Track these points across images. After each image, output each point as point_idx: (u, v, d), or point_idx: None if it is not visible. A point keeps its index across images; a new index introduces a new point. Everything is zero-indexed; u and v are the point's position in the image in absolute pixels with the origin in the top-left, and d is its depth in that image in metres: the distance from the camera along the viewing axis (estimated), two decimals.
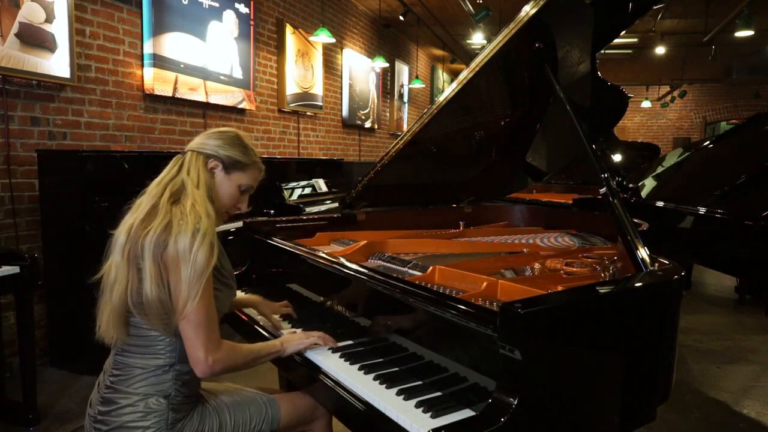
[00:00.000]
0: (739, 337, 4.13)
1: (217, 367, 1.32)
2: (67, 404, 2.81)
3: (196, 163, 1.44)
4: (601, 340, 1.21)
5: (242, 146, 1.50)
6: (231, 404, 1.48)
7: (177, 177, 1.42)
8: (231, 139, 1.49)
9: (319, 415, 1.58)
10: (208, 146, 1.46)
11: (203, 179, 1.42)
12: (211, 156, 1.46)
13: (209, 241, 1.31)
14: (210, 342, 1.31)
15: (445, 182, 2.62)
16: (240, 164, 1.48)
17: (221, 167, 1.47)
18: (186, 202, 1.35)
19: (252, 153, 1.53)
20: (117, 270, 1.33)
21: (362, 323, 1.56)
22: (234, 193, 1.50)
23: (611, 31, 1.97)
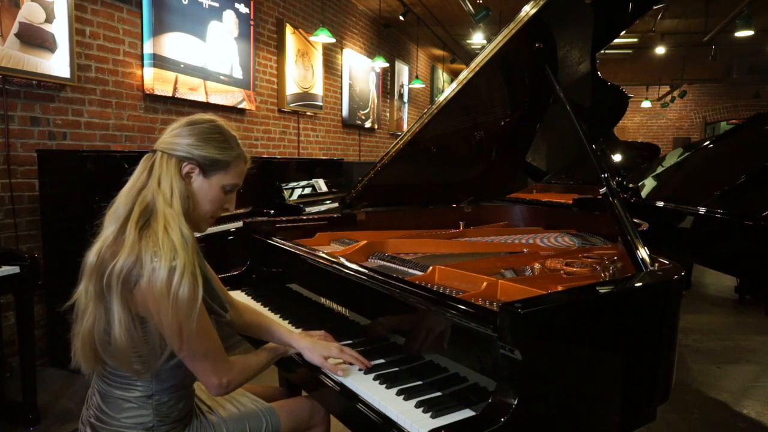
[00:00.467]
0: (739, 337, 4.13)
1: (232, 387, 1.29)
2: (67, 404, 2.81)
3: (167, 168, 1.23)
4: (601, 340, 1.21)
5: (220, 140, 1.29)
6: (229, 419, 1.42)
7: (146, 188, 1.22)
8: (206, 133, 1.27)
9: (318, 422, 1.55)
10: (179, 147, 1.24)
11: (177, 190, 1.22)
12: (184, 159, 1.24)
13: (190, 273, 1.14)
14: (219, 367, 1.26)
15: (445, 182, 2.62)
16: (220, 164, 1.28)
17: (198, 171, 1.27)
18: (157, 227, 1.16)
19: (233, 145, 1.31)
20: (87, 297, 1.20)
21: (362, 323, 1.56)
22: (217, 197, 1.31)
23: (611, 31, 1.97)
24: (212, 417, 1.41)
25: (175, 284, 1.12)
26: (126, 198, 1.23)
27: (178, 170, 1.24)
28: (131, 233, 1.16)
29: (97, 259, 1.18)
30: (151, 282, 1.12)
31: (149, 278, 1.12)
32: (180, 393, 1.31)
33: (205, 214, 1.33)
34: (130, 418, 1.26)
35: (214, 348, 1.25)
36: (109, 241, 1.19)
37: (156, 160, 1.25)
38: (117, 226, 1.20)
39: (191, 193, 1.27)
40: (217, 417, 1.41)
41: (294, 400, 1.60)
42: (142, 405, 1.26)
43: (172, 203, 1.21)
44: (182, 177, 1.25)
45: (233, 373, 1.29)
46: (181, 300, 1.12)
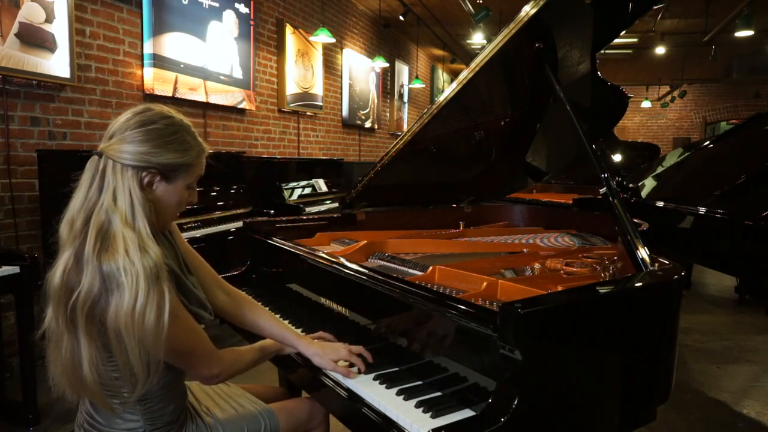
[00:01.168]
0: (739, 337, 4.13)
1: (224, 376, 1.29)
2: (67, 404, 2.79)
3: (123, 181, 1.11)
4: (601, 340, 1.21)
5: (179, 141, 1.18)
6: (226, 421, 1.39)
7: (99, 205, 1.11)
8: (163, 136, 1.15)
9: (318, 423, 1.54)
10: (134, 155, 1.12)
11: (139, 205, 1.12)
12: (143, 168, 1.13)
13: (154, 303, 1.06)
14: (207, 360, 1.24)
15: (445, 182, 2.62)
16: (183, 167, 1.19)
17: (159, 178, 1.16)
18: (117, 253, 1.06)
19: (192, 142, 1.21)
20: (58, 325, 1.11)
21: (362, 323, 1.56)
22: (182, 198, 1.23)
23: (611, 31, 1.97)
24: (209, 419, 1.39)
25: (138, 314, 1.05)
26: (77, 214, 1.13)
27: (137, 181, 1.13)
28: (90, 259, 1.07)
29: (62, 283, 1.10)
30: (116, 311, 1.05)
31: (114, 307, 1.05)
32: (169, 394, 1.28)
33: (171, 216, 1.27)
34: (120, 425, 1.23)
35: (199, 343, 1.23)
36: (70, 264, 1.11)
37: (108, 170, 1.12)
38: (75, 247, 1.11)
39: (154, 202, 1.18)
40: (214, 419, 1.39)
41: (293, 401, 1.59)
42: (131, 411, 1.22)
43: (134, 224, 1.11)
44: (142, 188, 1.14)
45: (224, 363, 1.28)
46: (147, 329, 1.06)
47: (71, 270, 1.10)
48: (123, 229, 1.09)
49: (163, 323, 1.08)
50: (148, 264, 1.08)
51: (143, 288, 1.06)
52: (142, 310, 1.05)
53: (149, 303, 1.06)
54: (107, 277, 1.07)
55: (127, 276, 1.06)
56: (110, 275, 1.06)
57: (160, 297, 1.08)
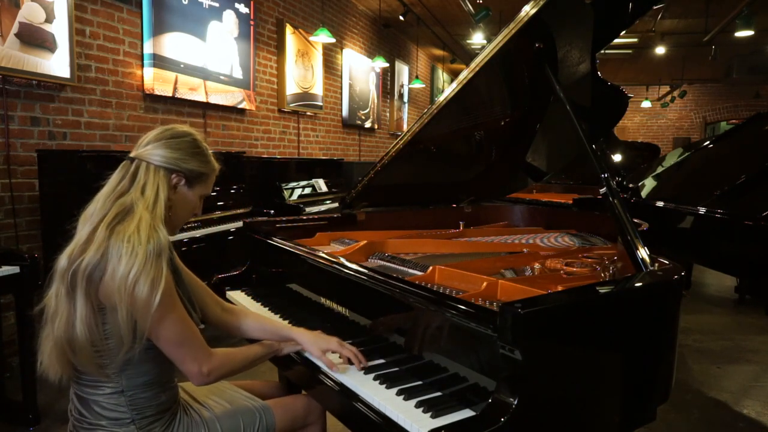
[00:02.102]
0: (739, 337, 4.13)
1: (213, 376, 1.29)
2: (67, 404, 2.78)
3: (155, 178, 1.28)
4: (601, 340, 1.21)
5: (202, 153, 1.38)
6: (222, 414, 1.41)
7: (126, 194, 1.26)
8: (190, 147, 1.35)
9: (314, 420, 1.55)
10: (167, 159, 1.30)
11: (162, 199, 1.27)
12: (174, 171, 1.31)
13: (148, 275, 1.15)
14: (198, 354, 1.26)
15: (445, 182, 2.62)
16: (203, 176, 1.38)
17: (184, 182, 1.35)
18: (129, 225, 1.19)
19: (210, 157, 1.41)
20: (57, 300, 1.21)
21: (362, 323, 1.56)
22: (195, 205, 1.41)
23: (611, 31, 1.97)
24: (204, 412, 1.40)
25: (131, 281, 1.14)
26: (103, 203, 1.25)
27: (167, 180, 1.30)
28: (101, 231, 1.19)
29: (68, 261, 1.21)
30: (112, 275, 1.15)
31: (112, 271, 1.15)
32: (156, 390, 1.30)
33: (182, 220, 1.40)
34: (106, 418, 1.26)
35: (190, 337, 1.25)
36: (81, 243, 1.21)
37: (140, 169, 1.29)
38: (90, 228, 1.22)
39: (175, 202, 1.34)
40: (210, 413, 1.40)
41: (290, 397, 1.60)
42: (116, 400, 1.25)
43: (154, 209, 1.25)
44: (170, 187, 1.31)
45: (214, 362, 1.29)
46: (137, 299, 1.15)
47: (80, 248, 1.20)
48: (143, 212, 1.22)
49: (155, 297, 1.15)
50: (154, 241, 1.19)
51: (140, 259, 1.15)
52: (136, 278, 1.14)
53: (144, 274, 1.15)
54: (112, 245, 1.17)
55: (129, 244, 1.16)
56: (115, 244, 1.17)
57: (156, 272, 1.17)
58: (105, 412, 1.26)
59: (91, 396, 1.26)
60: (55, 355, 1.22)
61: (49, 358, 1.23)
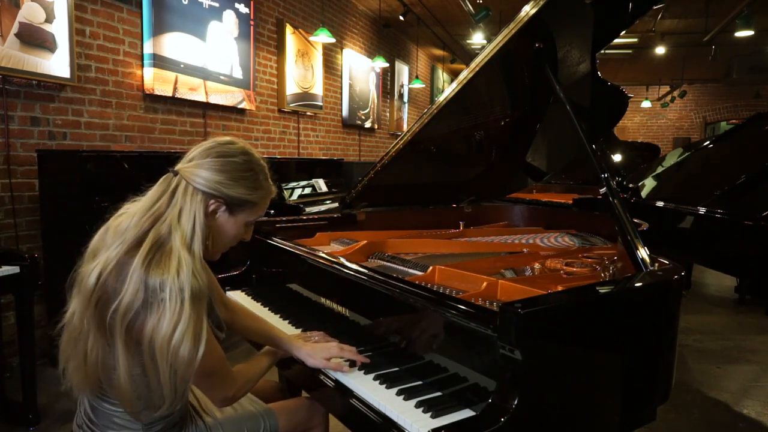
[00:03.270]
0: (739, 337, 4.13)
1: (237, 397, 1.32)
2: (67, 404, 2.80)
3: (192, 202, 1.15)
4: (601, 340, 1.21)
5: (251, 178, 1.22)
6: (225, 421, 1.40)
7: (163, 218, 1.14)
8: (237, 170, 1.20)
9: (317, 423, 1.54)
10: (207, 182, 1.16)
11: (200, 230, 1.15)
12: (212, 196, 1.18)
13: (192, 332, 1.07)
14: (224, 383, 1.26)
15: (445, 182, 2.62)
16: (248, 204, 1.23)
17: (225, 208, 1.21)
18: (168, 269, 1.07)
19: (263, 183, 1.26)
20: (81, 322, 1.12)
21: (362, 323, 1.56)
22: (239, 232, 1.27)
23: (611, 31, 1.97)
24: (208, 419, 1.39)
25: (176, 342, 1.06)
26: (138, 220, 1.13)
27: (204, 206, 1.17)
28: (138, 269, 1.07)
29: (97, 284, 1.10)
30: (154, 332, 1.06)
31: (153, 328, 1.06)
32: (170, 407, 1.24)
33: (222, 248, 1.30)
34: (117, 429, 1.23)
35: (218, 365, 1.24)
36: (111, 265, 1.10)
37: (179, 189, 1.16)
38: (122, 250, 1.11)
39: (213, 230, 1.22)
40: (214, 419, 1.40)
41: (292, 400, 1.60)
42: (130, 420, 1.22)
43: (191, 246, 1.13)
44: (206, 214, 1.18)
45: (237, 385, 1.30)
46: (180, 357, 1.07)
47: (111, 274, 1.10)
48: (180, 249, 1.10)
49: (198, 353, 1.08)
50: (196, 290, 1.08)
51: (185, 316, 1.06)
52: (180, 338, 1.06)
53: (187, 332, 1.06)
54: (151, 292, 1.07)
55: (171, 299, 1.06)
56: (154, 291, 1.06)
57: (198, 326, 1.08)
58: (116, 426, 1.23)
59: (107, 409, 1.23)
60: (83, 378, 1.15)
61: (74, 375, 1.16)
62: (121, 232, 1.13)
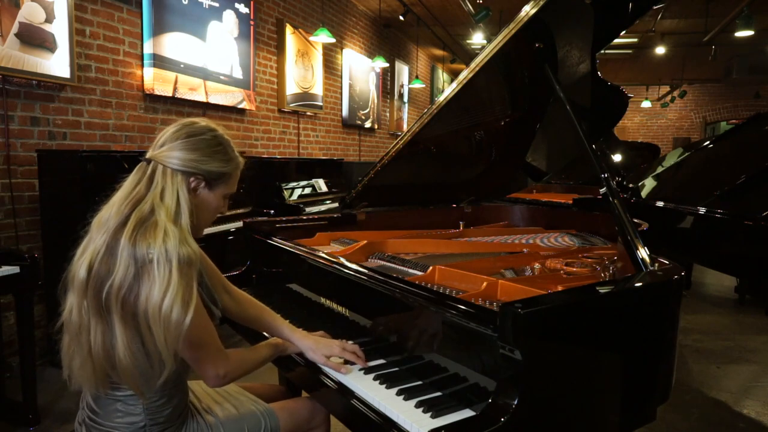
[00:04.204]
0: (739, 337, 4.13)
1: (228, 378, 1.30)
2: (67, 404, 2.80)
3: (173, 183, 1.21)
4: (601, 340, 1.21)
5: (223, 151, 1.29)
6: (226, 420, 1.40)
7: (144, 200, 1.18)
8: (210, 146, 1.26)
9: (319, 423, 1.54)
10: (183, 161, 1.22)
11: (185, 205, 1.21)
12: (191, 174, 1.24)
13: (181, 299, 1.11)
14: (216, 357, 1.27)
15: (445, 182, 2.62)
16: (225, 176, 1.30)
17: (204, 184, 1.27)
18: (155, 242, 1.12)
19: (232, 154, 1.32)
20: (80, 315, 1.16)
21: (362, 323, 1.56)
22: (218, 205, 1.34)
23: (611, 31, 1.97)
24: (209, 417, 1.39)
25: (166, 307, 1.10)
26: (119, 207, 1.18)
27: (186, 185, 1.23)
28: (125, 248, 1.12)
29: (89, 275, 1.14)
30: (147, 299, 1.11)
31: (145, 295, 1.11)
32: (171, 391, 1.29)
33: (206, 223, 1.35)
34: (121, 418, 1.24)
35: (209, 339, 1.25)
36: (100, 254, 1.15)
37: (157, 173, 1.22)
38: (107, 237, 1.15)
39: (196, 206, 1.27)
40: (215, 418, 1.40)
41: (294, 400, 1.60)
42: (133, 403, 1.24)
43: (178, 220, 1.19)
44: (189, 191, 1.24)
45: (231, 364, 1.30)
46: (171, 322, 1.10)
47: (102, 260, 1.14)
48: (166, 222, 1.15)
49: (187, 318, 1.12)
50: (184, 257, 1.13)
51: (174, 282, 1.10)
52: (170, 303, 1.10)
53: (177, 297, 1.10)
54: (139, 262, 1.11)
55: (160, 267, 1.11)
56: (143, 260, 1.11)
57: (187, 292, 1.13)
58: (120, 415, 1.24)
59: (110, 396, 1.24)
60: (91, 372, 1.17)
61: (80, 373, 1.18)
62: (103, 223, 1.18)
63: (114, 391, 1.23)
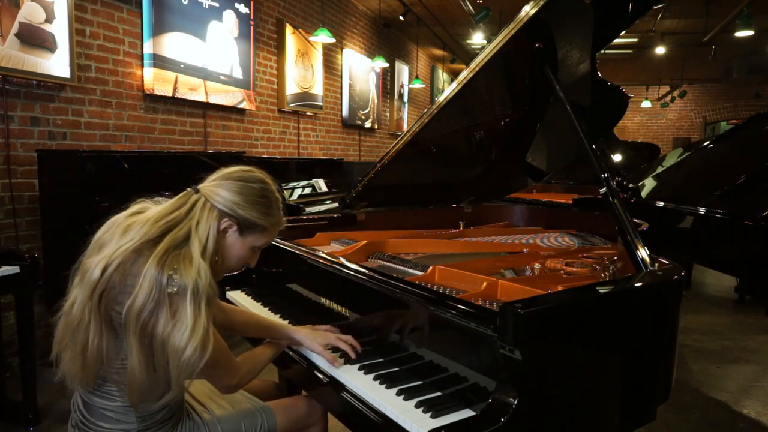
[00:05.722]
0: (739, 337, 4.13)
1: (241, 385, 1.36)
2: (67, 404, 2.78)
3: (208, 217, 1.22)
4: (601, 340, 1.21)
5: (265, 204, 1.29)
6: (223, 417, 1.41)
7: (183, 224, 1.20)
8: (253, 194, 1.27)
9: (316, 421, 1.55)
10: (224, 201, 1.24)
11: (212, 240, 1.22)
12: (226, 214, 1.24)
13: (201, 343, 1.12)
14: (228, 372, 1.31)
15: (445, 182, 2.62)
16: (258, 227, 1.29)
17: (236, 228, 1.27)
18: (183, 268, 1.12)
19: (275, 210, 1.32)
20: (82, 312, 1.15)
21: (362, 323, 1.56)
22: (245, 255, 1.32)
23: (611, 31, 1.97)
24: (206, 415, 1.40)
25: (188, 350, 1.10)
26: (151, 225, 1.17)
27: (217, 223, 1.24)
28: (151, 269, 1.11)
29: (101, 277, 1.13)
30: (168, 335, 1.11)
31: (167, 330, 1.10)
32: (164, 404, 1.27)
33: (227, 269, 1.34)
34: (113, 424, 1.23)
35: (223, 357, 1.28)
36: (116, 260, 1.14)
37: (198, 204, 1.23)
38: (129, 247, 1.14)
39: (222, 247, 1.27)
40: (211, 415, 1.41)
41: (291, 398, 1.61)
42: (124, 414, 1.23)
43: (204, 253, 1.19)
44: (219, 230, 1.25)
45: (241, 374, 1.34)
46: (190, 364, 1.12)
47: (116, 269, 1.14)
48: (198, 255, 1.16)
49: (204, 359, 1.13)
50: (211, 297, 1.14)
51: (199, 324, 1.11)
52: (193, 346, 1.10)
53: (198, 339, 1.11)
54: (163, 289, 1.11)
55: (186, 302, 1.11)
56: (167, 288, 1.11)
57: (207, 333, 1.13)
58: (111, 421, 1.24)
59: (100, 405, 1.24)
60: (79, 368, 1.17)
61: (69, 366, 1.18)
62: (131, 231, 1.18)
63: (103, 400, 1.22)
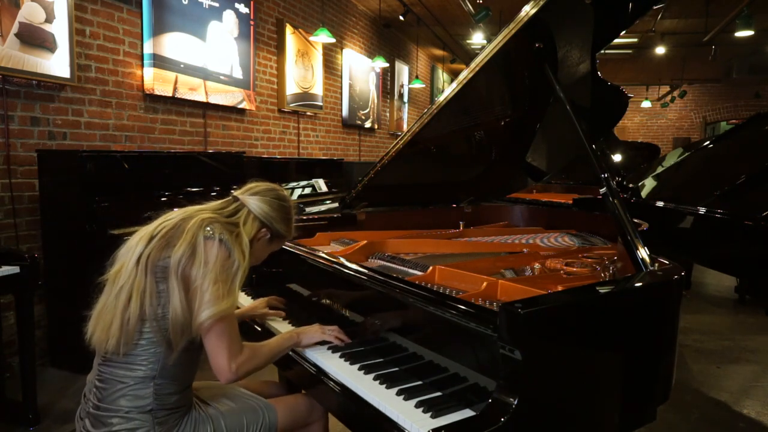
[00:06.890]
0: (739, 337, 4.13)
1: (241, 372, 1.35)
2: (67, 404, 2.80)
3: (252, 224, 1.45)
4: (601, 340, 1.21)
5: (289, 219, 1.54)
6: (226, 411, 1.45)
7: (233, 219, 1.42)
8: (284, 211, 1.53)
9: (316, 418, 1.58)
10: (265, 214, 1.48)
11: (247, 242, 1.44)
12: (264, 225, 1.48)
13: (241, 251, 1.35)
14: (233, 349, 1.33)
15: (445, 182, 2.62)
16: (282, 238, 1.55)
17: (268, 237, 1.51)
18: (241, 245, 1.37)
19: (294, 222, 1.57)
20: (130, 277, 1.29)
21: (362, 323, 1.56)
22: (263, 257, 1.56)
23: (611, 31, 1.97)
24: (210, 410, 1.44)
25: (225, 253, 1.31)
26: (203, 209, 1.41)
27: (256, 230, 1.46)
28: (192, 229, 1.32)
29: (147, 248, 1.31)
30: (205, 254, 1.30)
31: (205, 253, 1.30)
32: (179, 387, 1.35)
33: None
34: (129, 402, 1.29)
35: (231, 330, 1.34)
36: (163, 232, 1.33)
37: (242, 210, 1.46)
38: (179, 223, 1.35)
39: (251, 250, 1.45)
40: (215, 410, 1.44)
41: (292, 396, 1.62)
42: (143, 386, 1.30)
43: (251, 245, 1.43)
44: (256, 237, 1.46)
45: (243, 357, 1.35)
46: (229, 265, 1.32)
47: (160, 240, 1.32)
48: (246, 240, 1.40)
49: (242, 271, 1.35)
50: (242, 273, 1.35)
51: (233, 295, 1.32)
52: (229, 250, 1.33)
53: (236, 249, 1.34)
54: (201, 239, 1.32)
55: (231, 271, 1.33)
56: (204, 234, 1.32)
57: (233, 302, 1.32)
58: (128, 396, 1.29)
59: (121, 378, 1.30)
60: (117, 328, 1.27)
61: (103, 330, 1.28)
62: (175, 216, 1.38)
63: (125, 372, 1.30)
